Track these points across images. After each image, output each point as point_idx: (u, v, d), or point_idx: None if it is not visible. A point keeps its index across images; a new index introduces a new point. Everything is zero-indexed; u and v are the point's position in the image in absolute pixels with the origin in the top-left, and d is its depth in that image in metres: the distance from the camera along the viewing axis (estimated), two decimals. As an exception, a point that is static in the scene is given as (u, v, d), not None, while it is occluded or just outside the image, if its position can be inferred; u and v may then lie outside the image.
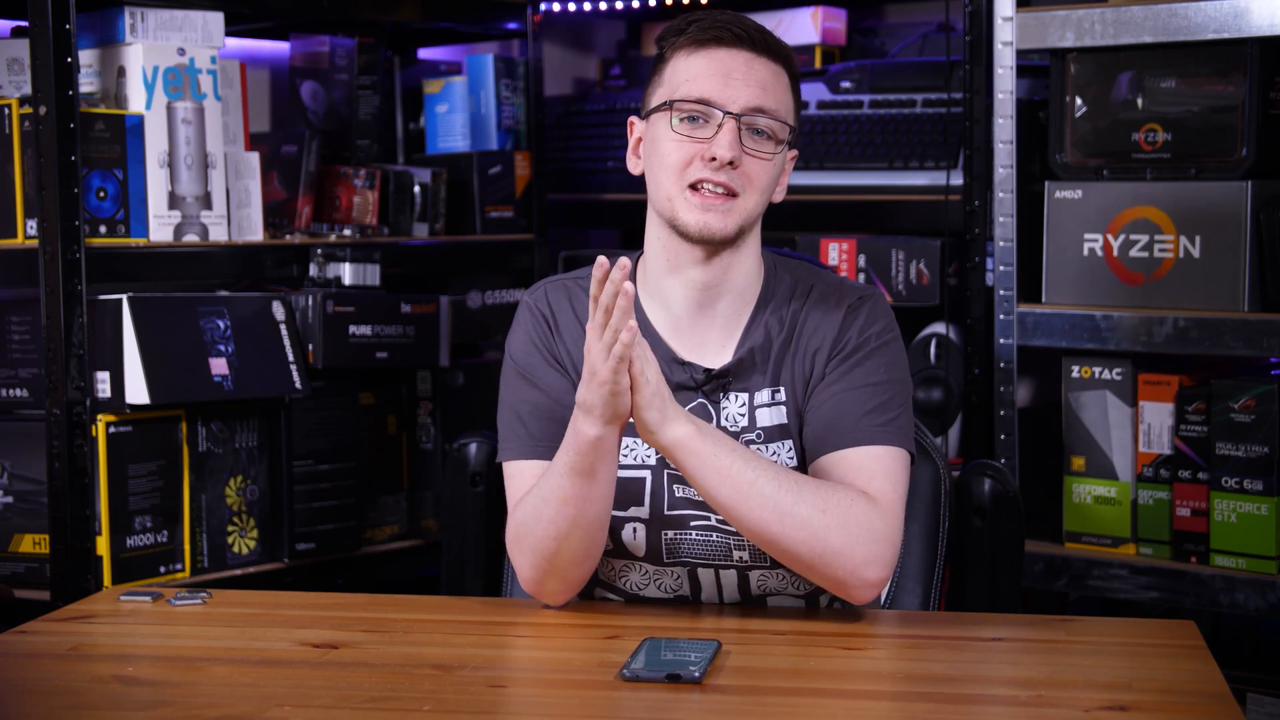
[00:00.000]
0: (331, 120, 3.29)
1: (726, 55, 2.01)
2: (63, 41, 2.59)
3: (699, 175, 1.99)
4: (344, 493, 3.03)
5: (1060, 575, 2.87)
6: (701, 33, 2.01)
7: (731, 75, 2.00)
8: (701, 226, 1.99)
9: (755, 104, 1.99)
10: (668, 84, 2.04)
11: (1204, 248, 2.72)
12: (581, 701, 1.71)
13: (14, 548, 2.74)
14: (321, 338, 2.95)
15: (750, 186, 2.00)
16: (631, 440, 2.05)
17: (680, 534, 2.05)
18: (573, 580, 2.00)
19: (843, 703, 1.70)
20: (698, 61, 2.01)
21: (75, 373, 2.62)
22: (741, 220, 2.01)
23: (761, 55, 2.01)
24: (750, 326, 2.06)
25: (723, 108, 1.99)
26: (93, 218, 2.69)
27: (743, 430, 2.04)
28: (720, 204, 1.99)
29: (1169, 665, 1.78)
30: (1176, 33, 2.70)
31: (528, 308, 2.12)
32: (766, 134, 2.01)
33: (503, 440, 2.09)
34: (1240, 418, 2.69)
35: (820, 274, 2.13)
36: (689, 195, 1.99)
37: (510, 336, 2.13)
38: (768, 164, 2.01)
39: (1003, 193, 2.90)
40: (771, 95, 2.01)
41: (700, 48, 2.01)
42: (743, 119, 1.99)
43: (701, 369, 2.05)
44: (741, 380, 2.05)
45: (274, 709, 1.66)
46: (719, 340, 2.06)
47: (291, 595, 2.24)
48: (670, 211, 2.02)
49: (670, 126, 2.01)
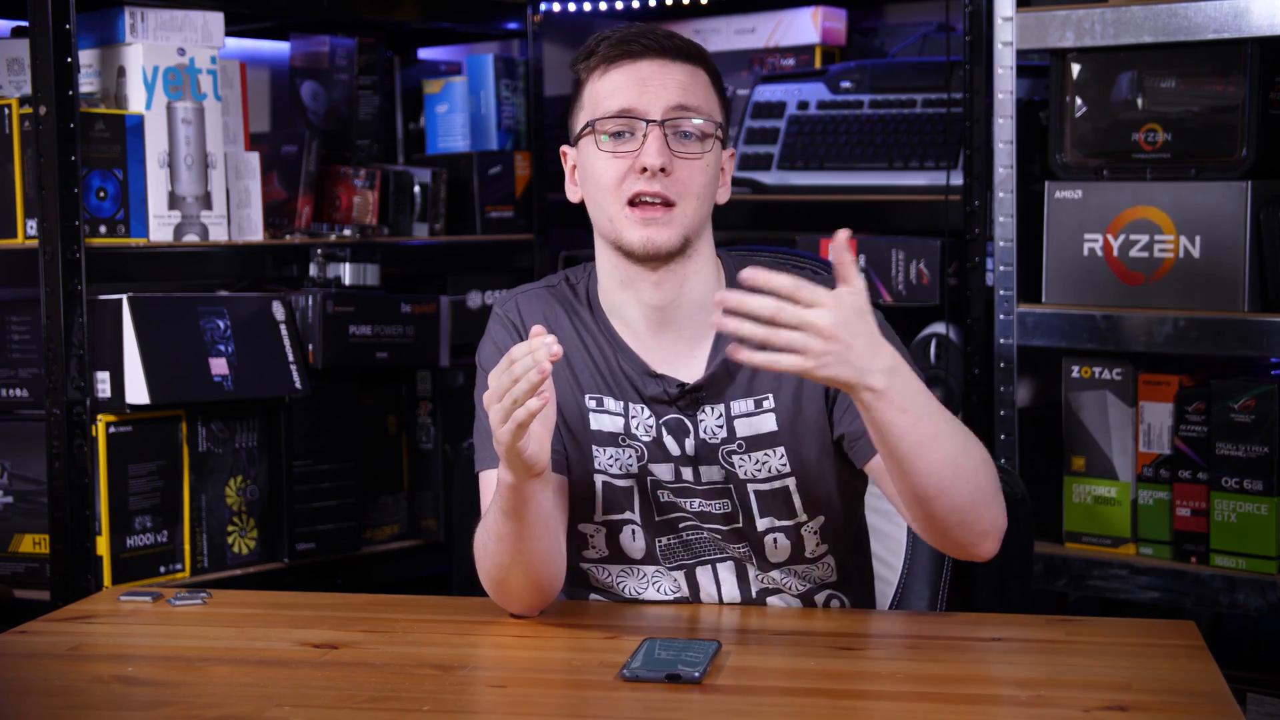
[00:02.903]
0: (331, 120, 3.29)
1: (639, 66, 2.00)
2: (63, 41, 2.59)
3: (634, 189, 1.97)
4: (344, 493, 3.03)
5: (1060, 575, 2.87)
6: (611, 49, 2.01)
7: (648, 83, 1.99)
8: (645, 242, 1.97)
9: (675, 103, 1.98)
10: (588, 105, 2.03)
11: (1204, 248, 2.72)
12: (581, 701, 1.71)
13: (14, 548, 2.74)
14: (321, 338, 2.95)
15: (686, 192, 1.98)
16: (615, 450, 2.04)
17: (673, 537, 2.06)
18: (531, 602, 1.99)
19: (842, 703, 1.70)
20: (612, 77, 2.01)
21: (75, 373, 2.62)
22: (684, 229, 1.99)
23: (675, 60, 2.01)
24: (720, 337, 2.03)
25: (644, 116, 1.98)
26: (93, 218, 2.69)
27: (722, 442, 2.03)
28: (660, 215, 1.97)
29: (1169, 665, 1.78)
30: (1176, 33, 2.70)
31: (498, 319, 2.12)
32: (694, 135, 1.99)
33: (477, 450, 2.09)
34: (1240, 418, 2.69)
35: (784, 262, 2.12)
36: (629, 213, 1.98)
37: (481, 347, 2.12)
38: (700, 164, 1.99)
39: (1003, 193, 2.90)
40: (691, 94, 2.00)
41: (612, 64, 2.01)
42: (666, 124, 1.97)
43: (675, 383, 2.03)
44: (716, 393, 2.03)
45: (274, 709, 1.66)
46: (689, 351, 2.04)
47: (291, 595, 2.23)
48: (614, 233, 2.01)
49: (597, 146, 2.00)
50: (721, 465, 2.03)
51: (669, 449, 2.04)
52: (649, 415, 2.04)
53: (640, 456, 2.04)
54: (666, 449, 2.04)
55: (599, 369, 2.06)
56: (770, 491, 2.04)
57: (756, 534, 2.05)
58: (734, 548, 2.05)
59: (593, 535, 2.08)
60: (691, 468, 2.04)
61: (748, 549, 2.05)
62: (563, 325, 2.07)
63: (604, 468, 2.05)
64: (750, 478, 2.04)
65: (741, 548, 2.05)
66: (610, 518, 2.06)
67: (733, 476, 2.04)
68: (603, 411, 2.05)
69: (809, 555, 2.08)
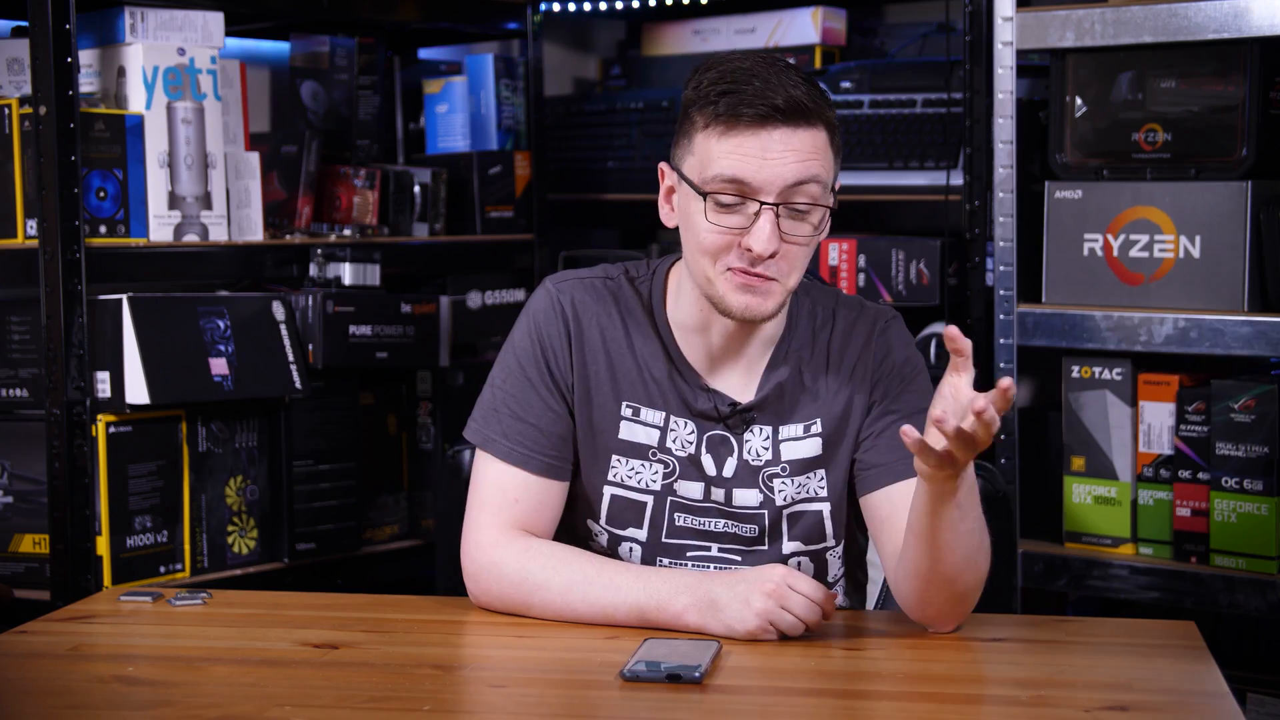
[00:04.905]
0: (331, 120, 3.29)
1: (761, 135, 1.86)
2: (63, 41, 2.59)
3: (736, 264, 1.89)
4: (344, 493, 3.03)
5: (1060, 575, 2.87)
6: (733, 108, 1.86)
7: (768, 154, 1.86)
8: (744, 309, 1.91)
9: (794, 180, 1.87)
10: (699, 155, 1.90)
11: (1204, 248, 2.72)
12: (581, 701, 1.71)
13: (14, 548, 2.74)
14: (321, 338, 2.95)
15: (789, 270, 1.91)
16: (639, 463, 2.02)
17: (675, 562, 2.04)
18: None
19: (843, 703, 1.70)
20: (731, 141, 1.86)
21: (75, 373, 2.62)
22: (784, 298, 1.93)
23: (800, 126, 1.87)
24: (775, 359, 2.02)
25: (758, 195, 1.86)
26: (93, 218, 2.69)
27: (766, 464, 2.01)
28: (761, 285, 1.90)
29: (1169, 665, 1.78)
30: (1176, 33, 2.70)
31: (548, 297, 2.04)
32: (806, 210, 1.89)
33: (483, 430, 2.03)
34: (1240, 418, 2.69)
35: (834, 293, 2.09)
36: (730, 277, 1.90)
37: (519, 323, 2.05)
38: (811, 241, 1.91)
39: (1003, 193, 2.90)
40: (811, 163, 1.88)
41: (733, 127, 1.86)
42: (781, 206, 1.87)
43: (728, 400, 2.01)
44: (766, 415, 2.02)
45: (274, 709, 1.66)
46: (744, 370, 2.02)
47: (291, 595, 2.23)
48: (709, 290, 1.93)
49: (704, 213, 1.89)
50: (761, 489, 2.02)
51: (705, 468, 2.02)
52: (690, 430, 2.01)
53: (670, 472, 2.02)
54: (702, 467, 2.02)
55: (644, 377, 2.02)
56: (804, 516, 2.03)
57: (782, 558, 2.04)
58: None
59: (597, 535, 2.07)
60: (725, 490, 2.02)
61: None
62: (614, 324, 2.03)
63: (620, 479, 2.03)
64: (787, 503, 2.02)
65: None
66: (612, 530, 2.05)
67: (769, 502, 2.02)
68: (636, 422, 2.02)
69: (831, 580, 2.08)
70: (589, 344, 2.02)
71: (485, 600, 1.99)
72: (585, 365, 2.02)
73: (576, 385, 2.02)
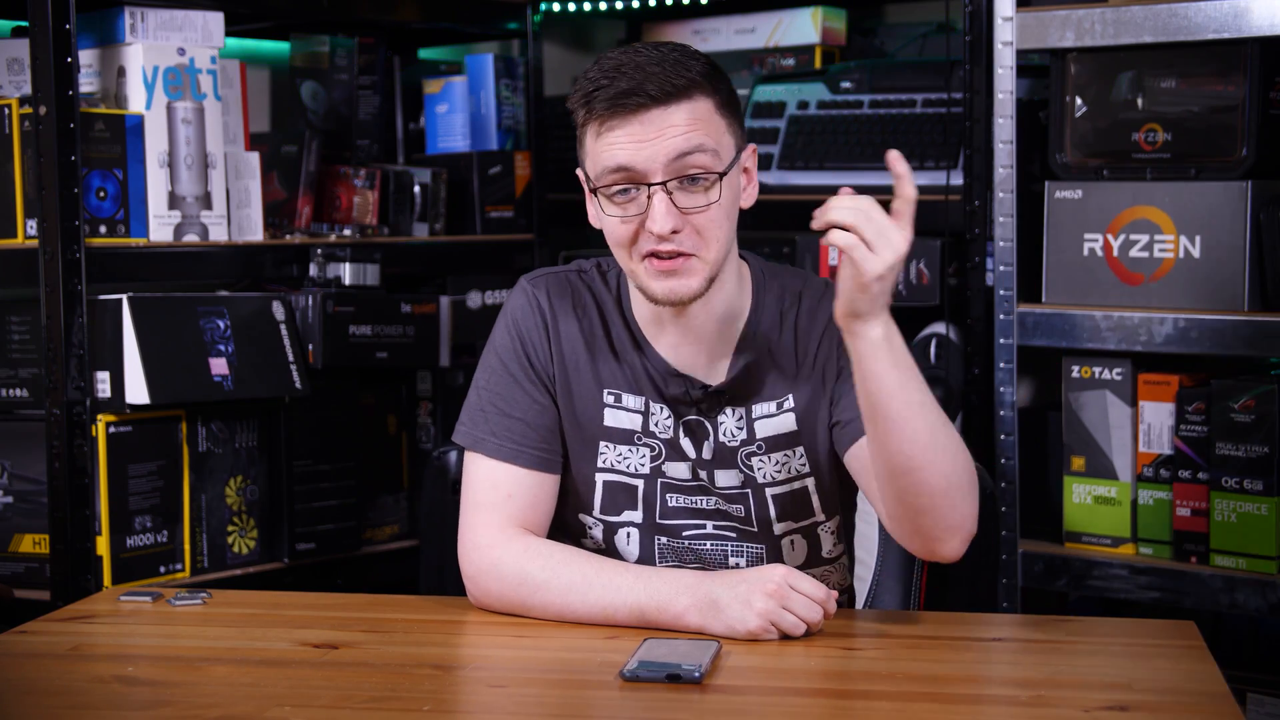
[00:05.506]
0: (331, 120, 3.29)
1: (634, 121, 1.90)
2: (63, 41, 2.59)
3: (648, 248, 1.92)
4: (344, 493, 3.03)
5: (1060, 575, 2.87)
6: (606, 105, 1.91)
7: (646, 135, 1.90)
8: (668, 293, 1.94)
9: (678, 152, 1.90)
10: (590, 158, 1.96)
11: (1204, 248, 2.72)
12: (581, 701, 1.71)
13: (14, 548, 2.74)
14: (321, 338, 2.95)
15: (704, 241, 1.93)
16: (626, 448, 2.04)
17: (673, 541, 2.05)
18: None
19: (842, 703, 1.70)
20: (609, 136, 1.91)
21: (75, 373, 2.62)
22: (707, 274, 1.94)
23: (673, 102, 1.90)
24: (744, 341, 2.04)
25: (645, 178, 1.90)
26: (93, 218, 2.69)
27: (741, 444, 2.03)
28: (680, 265, 1.92)
29: (1169, 665, 1.78)
30: (1176, 33, 2.69)
31: (525, 294, 2.08)
32: (702, 178, 1.91)
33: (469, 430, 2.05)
34: (1240, 418, 2.69)
35: (803, 275, 2.11)
36: (648, 265, 1.93)
37: (499, 321, 2.08)
38: (714, 210, 1.92)
39: (1003, 193, 2.90)
40: (695, 133, 1.91)
41: (607, 122, 1.91)
42: (670, 181, 1.90)
43: (699, 384, 2.03)
44: (738, 396, 2.04)
45: (274, 709, 1.66)
46: (711, 353, 2.04)
47: (291, 595, 2.23)
48: (635, 281, 1.98)
49: (602, 208, 1.95)
50: (740, 469, 2.04)
51: (685, 451, 2.04)
52: (668, 415, 2.04)
53: (656, 455, 2.04)
54: (683, 450, 2.04)
55: (621, 364, 2.05)
56: (789, 494, 2.04)
57: (773, 537, 2.06)
58: (735, 553, 2.05)
59: (591, 528, 2.08)
60: (707, 472, 2.04)
61: (763, 551, 2.05)
62: (589, 315, 2.06)
63: (610, 465, 2.05)
64: (769, 481, 2.04)
65: (756, 548, 2.05)
66: (607, 518, 2.06)
67: (750, 481, 2.04)
68: (620, 408, 2.05)
69: (827, 555, 2.09)
70: (566, 336, 2.05)
71: (485, 601, 1.99)
72: (564, 356, 2.05)
73: (558, 376, 2.05)
